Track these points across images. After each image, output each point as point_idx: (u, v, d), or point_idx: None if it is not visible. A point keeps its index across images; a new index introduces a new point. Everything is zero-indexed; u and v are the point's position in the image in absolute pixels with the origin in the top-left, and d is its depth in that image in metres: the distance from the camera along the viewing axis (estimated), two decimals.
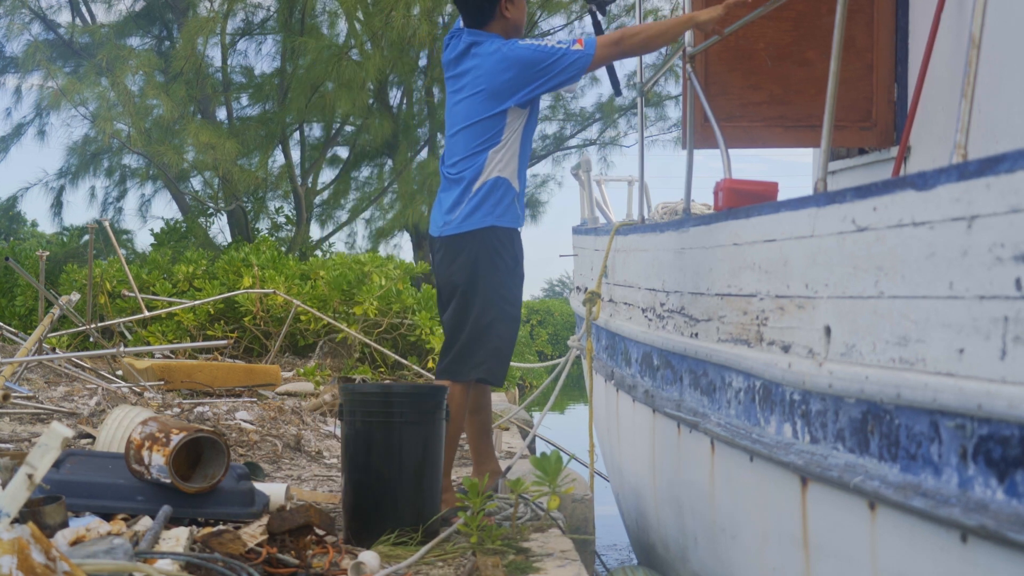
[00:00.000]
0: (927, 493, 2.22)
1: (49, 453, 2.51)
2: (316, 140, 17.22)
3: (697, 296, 3.74)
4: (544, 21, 17.71)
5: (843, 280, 2.62)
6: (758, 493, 3.13)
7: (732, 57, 4.99)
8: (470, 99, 3.99)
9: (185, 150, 14.77)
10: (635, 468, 4.97)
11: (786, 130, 5.00)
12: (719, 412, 3.45)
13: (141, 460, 3.47)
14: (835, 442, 2.62)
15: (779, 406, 2.94)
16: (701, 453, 3.63)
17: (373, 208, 17.91)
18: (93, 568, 2.60)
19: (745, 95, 5.00)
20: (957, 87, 3.94)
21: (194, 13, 15.56)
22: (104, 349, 8.32)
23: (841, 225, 2.63)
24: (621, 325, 5.08)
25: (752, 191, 3.77)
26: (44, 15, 16.15)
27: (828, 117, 3.12)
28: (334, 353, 10.45)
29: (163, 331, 10.58)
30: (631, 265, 4.96)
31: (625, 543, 6.80)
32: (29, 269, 11.79)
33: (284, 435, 5.72)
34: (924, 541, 2.25)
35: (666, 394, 4.11)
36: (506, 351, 4.08)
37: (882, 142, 5.00)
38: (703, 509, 3.70)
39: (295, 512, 3.36)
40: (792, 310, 2.90)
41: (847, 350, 2.58)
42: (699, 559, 3.83)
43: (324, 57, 15.06)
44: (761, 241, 3.15)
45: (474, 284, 4.01)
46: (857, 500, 2.49)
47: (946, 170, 2.18)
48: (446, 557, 3.53)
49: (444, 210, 4.08)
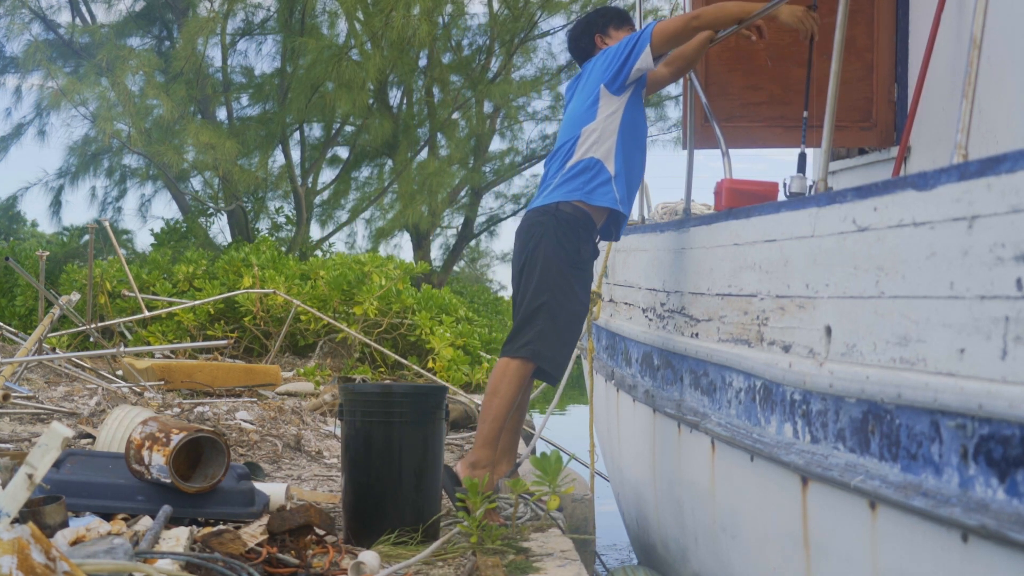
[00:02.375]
0: (928, 493, 2.22)
1: (49, 453, 2.51)
2: (316, 140, 17.23)
3: (697, 296, 3.74)
4: (544, 21, 17.72)
5: (844, 280, 2.62)
6: (759, 493, 3.13)
7: (732, 58, 5.00)
8: (574, 102, 4.19)
9: (185, 150, 14.78)
10: (635, 468, 4.97)
11: (786, 130, 5.01)
12: (719, 412, 3.45)
13: (141, 460, 3.46)
14: (836, 442, 2.62)
15: (780, 406, 2.94)
16: (702, 453, 3.63)
17: (373, 208, 17.93)
18: (93, 568, 2.60)
19: (745, 95, 5.00)
20: (957, 87, 3.95)
21: (194, 13, 15.56)
22: (104, 349, 8.32)
23: (842, 225, 2.63)
24: (621, 325, 5.08)
25: (753, 191, 3.77)
26: (44, 15, 16.15)
27: (829, 117, 3.12)
28: (334, 353, 10.45)
29: (163, 331, 10.58)
30: (631, 265, 4.96)
31: (625, 543, 6.80)
32: (29, 269, 11.79)
33: (284, 435, 5.72)
34: (925, 541, 2.25)
35: (666, 394, 4.11)
36: (554, 337, 4.01)
37: (882, 142, 5.00)
38: (703, 509, 3.69)
39: (295, 512, 3.36)
40: (793, 310, 2.90)
41: (848, 350, 2.58)
42: (699, 559, 3.83)
43: (324, 57, 15.06)
44: (762, 241, 3.15)
45: (534, 259, 4.04)
46: (858, 500, 2.49)
47: (947, 170, 2.18)
48: (446, 557, 3.53)
49: (538, 191, 4.23)
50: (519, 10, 17.18)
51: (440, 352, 10.08)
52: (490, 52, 17.62)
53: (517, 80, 17.68)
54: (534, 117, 18.72)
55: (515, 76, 17.75)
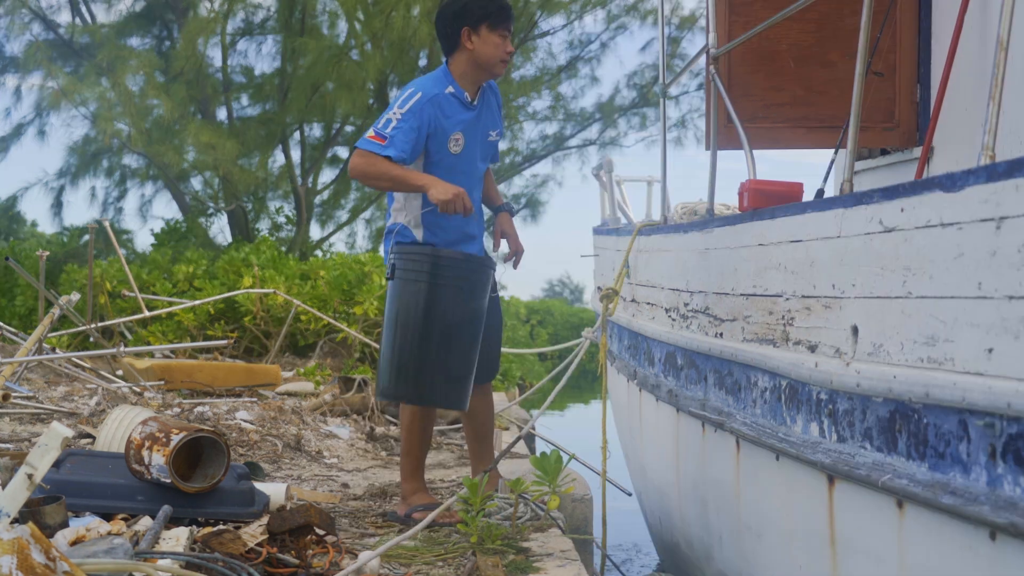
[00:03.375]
0: (956, 491, 2.23)
1: (49, 453, 2.52)
2: (316, 140, 17.22)
3: (722, 296, 3.75)
4: (544, 21, 17.72)
5: (870, 280, 2.63)
6: (784, 491, 3.15)
7: (755, 58, 4.99)
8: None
9: (185, 150, 14.77)
10: (658, 467, 4.98)
11: (809, 131, 5.01)
12: (744, 411, 3.46)
13: (141, 460, 3.47)
14: (863, 441, 2.64)
15: (805, 405, 2.96)
16: (726, 452, 3.65)
17: (373, 208, 17.91)
18: (93, 568, 2.60)
19: (768, 96, 5.00)
20: (980, 88, 3.95)
21: (194, 13, 15.56)
22: (104, 349, 8.32)
23: (868, 226, 2.64)
24: (644, 325, 5.08)
25: (777, 192, 3.77)
26: (44, 15, 16.14)
27: (854, 118, 3.13)
28: (334, 353, 10.46)
29: (163, 331, 10.59)
30: (654, 265, 4.95)
31: (630, 541, 6.81)
32: (29, 269, 11.78)
33: (284, 435, 5.72)
34: (953, 539, 2.27)
35: (690, 393, 4.12)
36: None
37: (905, 142, 5.00)
38: (728, 508, 3.71)
39: (295, 512, 3.36)
40: (819, 310, 2.92)
41: (874, 350, 2.60)
42: (724, 557, 3.85)
43: (324, 57, 15.06)
44: (787, 241, 3.16)
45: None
46: (885, 498, 2.51)
47: (975, 171, 2.20)
48: (446, 557, 3.53)
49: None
50: (519, 10, 17.17)
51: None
52: None
53: (517, 80, 17.68)
54: (534, 117, 18.72)
55: (515, 76, 17.75)
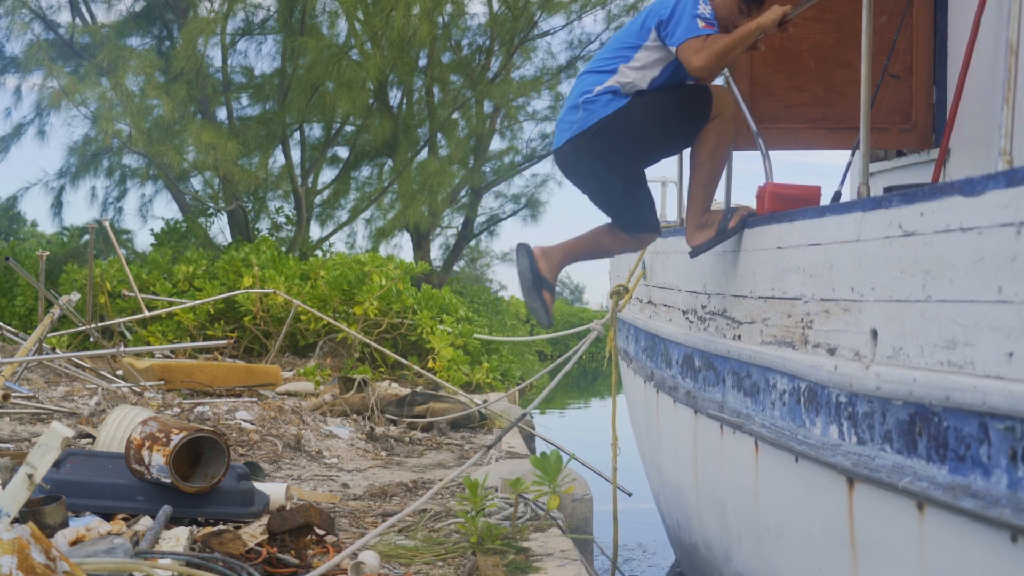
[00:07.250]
0: (976, 494, 2.24)
1: (49, 453, 2.52)
2: (316, 140, 17.22)
3: (740, 299, 3.75)
4: (544, 21, 17.72)
5: (890, 284, 2.64)
6: (804, 493, 3.15)
7: (777, 59, 4.98)
8: None
9: (185, 150, 14.76)
10: (676, 469, 4.97)
11: (828, 132, 5.01)
12: (763, 413, 3.46)
13: (141, 460, 3.47)
14: (882, 443, 2.64)
15: (825, 408, 2.97)
16: (745, 454, 3.65)
17: (373, 208, 17.92)
18: (93, 568, 2.60)
19: (789, 96, 4.99)
20: (997, 90, 3.94)
21: (194, 13, 15.55)
22: (104, 349, 8.32)
23: (888, 230, 2.65)
24: (661, 327, 5.07)
25: (795, 195, 3.77)
26: (44, 15, 16.14)
27: (864, 122, 3.13)
28: (334, 353, 10.46)
29: (163, 331, 10.58)
30: (671, 267, 4.95)
31: (633, 542, 6.81)
32: (29, 269, 11.79)
33: (284, 435, 5.72)
34: (973, 541, 2.27)
35: (708, 395, 4.12)
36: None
37: (921, 144, 5.00)
38: (747, 509, 3.71)
39: (295, 512, 3.36)
40: (838, 313, 2.92)
41: (894, 353, 2.60)
42: (743, 559, 3.85)
43: (324, 57, 15.06)
44: (806, 245, 3.17)
45: None
46: (905, 501, 2.52)
47: (994, 176, 2.21)
48: (446, 557, 3.53)
49: None
50: (519, 10, 17.17)
51: (440, 352, 10.08)
52: (490, 52, 17.62)
53: (517, 80, 17.68)
54: (534, 117, 18.72)
55: (515, 76, 17.75)
